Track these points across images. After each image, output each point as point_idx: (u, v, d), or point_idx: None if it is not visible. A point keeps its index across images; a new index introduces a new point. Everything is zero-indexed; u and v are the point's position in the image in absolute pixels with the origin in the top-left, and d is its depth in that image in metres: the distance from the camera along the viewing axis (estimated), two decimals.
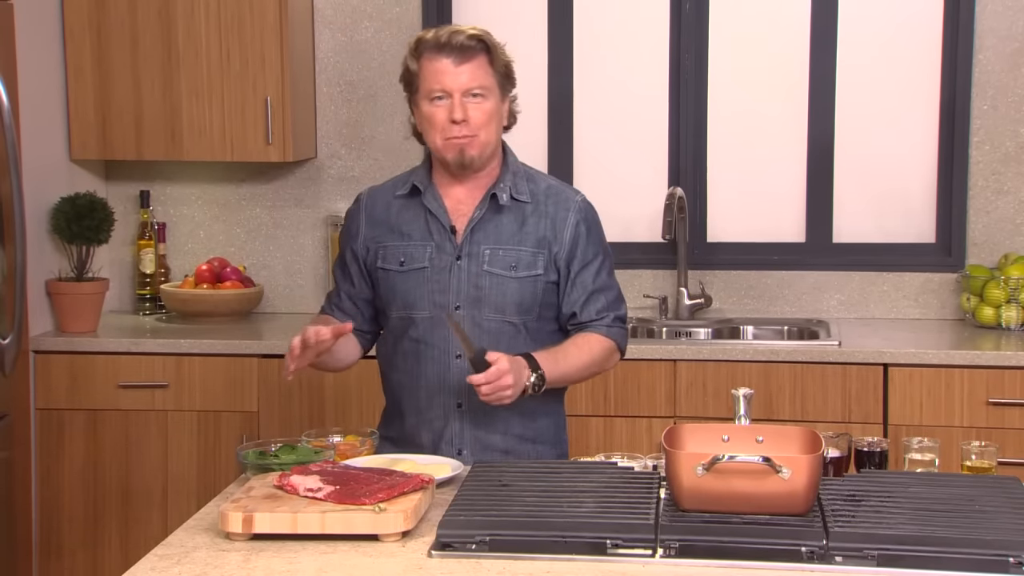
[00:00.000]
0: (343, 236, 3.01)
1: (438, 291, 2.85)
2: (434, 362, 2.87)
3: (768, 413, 3.91)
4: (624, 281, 4.51)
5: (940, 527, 2.17)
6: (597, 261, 2.91)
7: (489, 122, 2.81)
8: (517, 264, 2.85)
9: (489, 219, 2.87)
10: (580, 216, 2.91)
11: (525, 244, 2.86)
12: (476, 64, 2.79)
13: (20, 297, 3.64)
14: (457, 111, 2.77)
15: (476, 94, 2.78)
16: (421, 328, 2.86)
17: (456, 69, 2.77)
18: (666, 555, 2.17)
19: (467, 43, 2.78)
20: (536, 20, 4.61)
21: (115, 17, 4.33)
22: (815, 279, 4.50)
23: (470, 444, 2.87)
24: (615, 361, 2.96)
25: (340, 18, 4.58)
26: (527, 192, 2.89)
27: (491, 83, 2.81)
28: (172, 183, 4.69)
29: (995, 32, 4.35)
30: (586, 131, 4.62)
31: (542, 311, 2.89)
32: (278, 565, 2.17)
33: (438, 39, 2.79)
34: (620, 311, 2.94)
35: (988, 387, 3.87)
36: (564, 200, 2.91)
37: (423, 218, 2.89)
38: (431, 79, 2.79)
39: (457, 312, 2.84)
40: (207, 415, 4.14)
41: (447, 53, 2.78)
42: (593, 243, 2.92)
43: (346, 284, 2.98)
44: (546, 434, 2.94)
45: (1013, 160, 4.38)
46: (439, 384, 2.87)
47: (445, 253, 2.86)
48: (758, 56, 4.53)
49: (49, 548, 4.20)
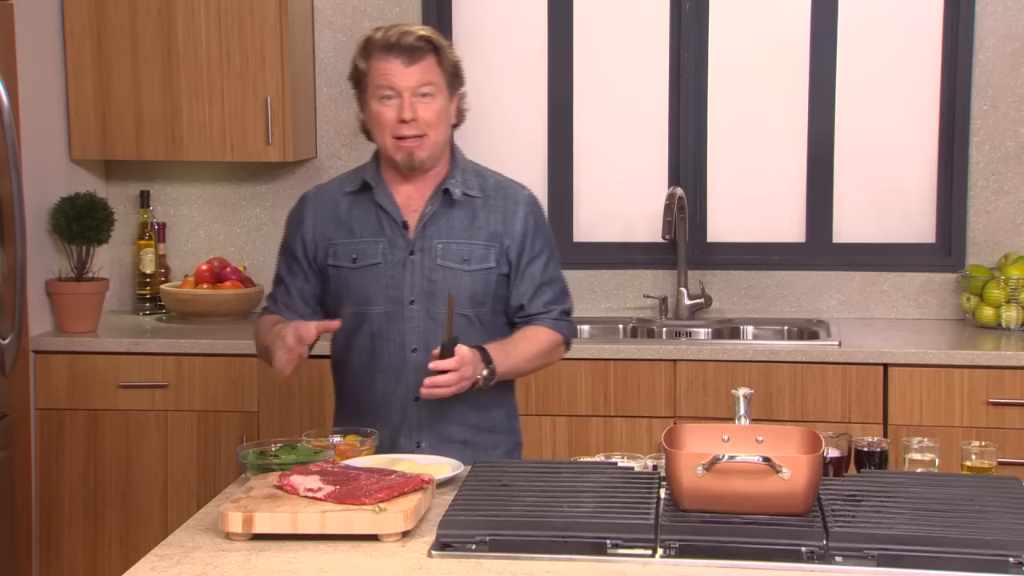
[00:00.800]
0: (288, 236, 3.02)
1: (392, 286, 2.88)
2: (390, 357, 2.90)
3: (768, 413, 3.92)
4: (624, 281, 4.57)
5: (940, 527, 2.17)
6: (545, 254, 2.97)
7: (438, 121, 2.84)
8: (470, 258, 2.90)
9: (441, 214, 2.91)
10: (529, 210, 2.97)
11: (477, 238, 2.91)
12: (425, 64, 2.82)
13: (20, 297, 3.64)
14: (407, 111, 2.80)
15: (425, 94, 2.82)
16: (376, 324, 2.90)
17: (405, 69, 2.81)
18: (666, 555, 2.17)
19: (416, 44, 2.81)
20: (536, 20, 4.61)
21: (115, 17, 4.33)
22: (815, 279, 4.50)
23: (428, 437, 2.91)
24: (561, 354, 3.04)
25: (340, 18, 4.58)
26: (477, 187, 2.94)
27: (440, 82, 2.84)
28: (172, 183, 4.69)
29: (995, 32, 4.35)
30: (586, 131, 4.62)
31: (495, 304, 2.94)
32: (278, 565, 2.17)
33: (387, 39, 2.82)
34: (566, 304, 3.01)
35: (988, 387, 3.87)
36: (513, 194, 2.97)
37: (374, 214, 2.92)
38: (380, 78, 2.82)
39: (412, 306, 2.87)
40: (207, 415, 4.14)
41: (396, 53, 2.81)
42: (541, 236, 2.98)
43: (296, 282, 2.98)
44: (501, 424, 3.00)
45: (1013, 160, 4.38)
46: (395, 379, 2.91)
47: (398, 248, 2.89)
48: (758, 56, 4.53)
49: (49, 548, 4.20)
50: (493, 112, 4.62)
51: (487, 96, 4.62)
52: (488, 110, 4.62)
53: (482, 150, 4.61)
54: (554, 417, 4.03)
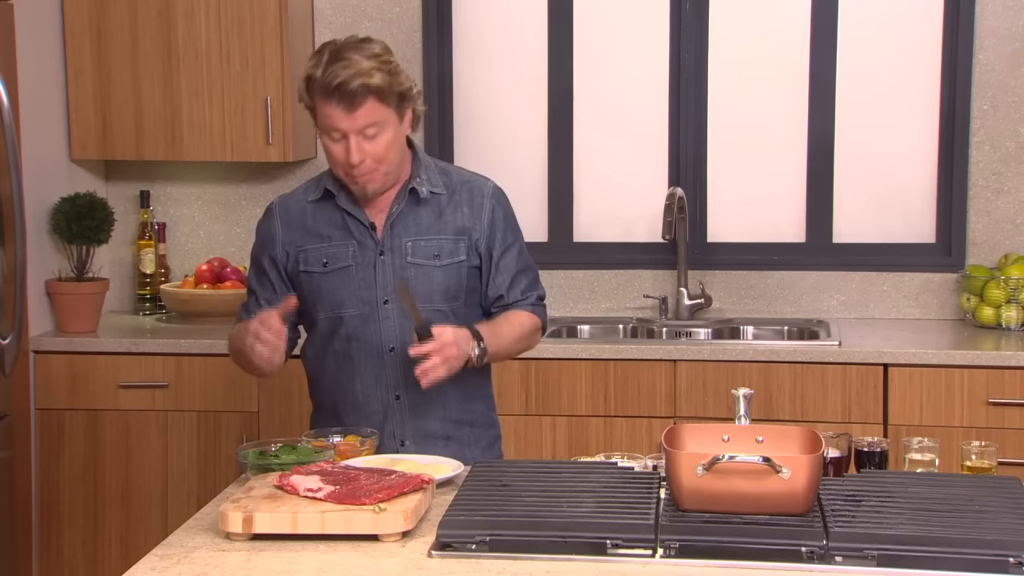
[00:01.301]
0: (258, 246, 3.00)
1: (364, 288, 2.89)
2: (368, 357, 2.91)
3: (768, 413, 3.92)
4: (624, 281, 4.56)
5: (940, 527, 2.17)
6: (517, 244, 2.99)
7: (387, 152, 2.82)
8: (440, 253, 2.91)
9: (407, 212, 2.91)
10: (495, 202, 2.97)
11: (445, 233, 2.92)
12: (367, 108, 2.76)
13: (20, 297, 3.64)
14: (354, 155, 2.78)
15: (371, 134, 2.79)
16: (351, 326, 2.90)
17: (347, 115, 2.76)
18: (666, 555, 2.17)
19: (354, 90, 2.74)
20: (536, 20, 4.60)
21: (115, 17, 4.33)
22: (815, 279, 4.50)
23: (411, 434, 2.92)
24: (539, 339, 3.07)
25: (340, 18, 4.58)
26: (441, 184, 2.94)
27: (385, 118, 2.80)
28: (172, 183, 4.69)
29: (995, 32, 4.35)
30: (586, 131, 4.62)
31: (468, 297, 2.95)
32: (278, 565, 2.17)
33: (326, 84, 2.75)
34: (540, 291, 3.04)
35: (988, 387, 3.87)
36: (478, 188, 2.97)
37: (341, 218, 2.92)
38: (325, 120, 2.79)
39: (386, 306, 2.88)
40: (207, 415, 4.14)
41: (337, 100, 2.75)
42: (511, 227, 3.00)
43: (266, 292, 2.97)
44: (481, 417, 3.02)
45: (1013, 160, 4.38)
46: (375, 379, 2.91)
47: (368, 250, 2.90)
48: (758, 56, 4.53)
49: (49, 548, 4.20)
50: (493, 112, 4.62)
51: (487, 96, 4.62)
52: (488, 110, 4.63)
53: (482, 150, 4.64)
54: (554, 417, 4.03)
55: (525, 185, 4.60)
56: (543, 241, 4.62)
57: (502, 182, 3.09)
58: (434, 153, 4.50)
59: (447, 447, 2.90)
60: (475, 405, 3.01)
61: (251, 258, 3.03)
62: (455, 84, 4.64)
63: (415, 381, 2.79)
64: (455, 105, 4.64)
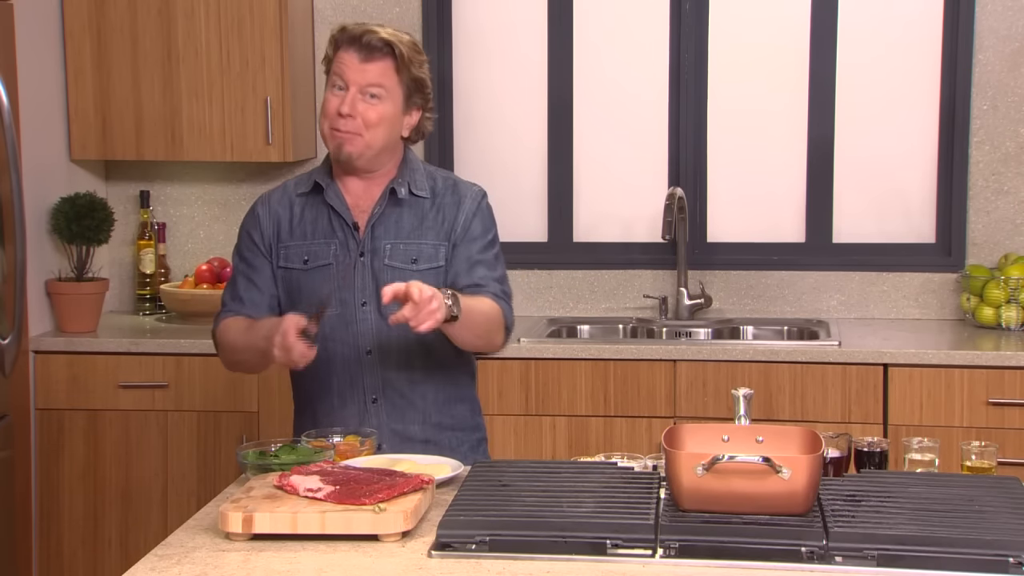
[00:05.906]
0: (244, 241, 2.97)
1: (344, 288, 2.86)
2: (345, 360, 2.88)
3: (768, 413, 3.92)
4: (624, 281, 4.57)
5: (940, 527, 2.17)
6: (484, 240, 2.90)
7: (379, 124, 2.81)
8: (418, 257, 2.87)
9: (389, 214, 2.89)
10: (475, 203, 2.92)
11: (426, 238, 2.88)
12: (380, 66, 2.80)
13: (20, 297, 3.64)
14: (346, 105, 2.79)
15: (374, 95, 2.80)
16: (328, 326, 2.85)
17: (360, 65, 2.79)
18: (666, 555, 2.17)
19: (376, 43, 2.79)
20: (536, 20, 4.61)
21: (115, 17, 4.33)
22: (815, 279, 4.50)
23: (388, 438, 2.88)
24: (501, 340, 2.88)
25: (340, 18, 4.57)
26: (426, 188, 2.91)
27: (392, 88, 2.81)
28: (172, 183, 4.69)
29: (995, 32, 4.35)
30: (586, 131, 4.62)
31: None
32: (278, 565, 2.17)
33: (353, 33, 2.82)
34: (507, 287, 2.91)
35: (988, 387, 3.87)
36: (462, 191, 2.94)
37: (326, 216, 2.91)
38: (337, 68, 2.82)
39: (363, 308, 2.85)
40: (207, 415, 4.14)
41: (356, 48, 2.80)
42: (484, 224, 2.92)
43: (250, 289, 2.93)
44: (464, 421, 2.97)
45: (1013, 160, 4.38)
46: (351, 382, 2.88)
47: (349, 250, 2.88)
48: (758, 56, 4.54)
49: (49, 548, 4.20)
50: (493, 112, 4.62)
51: (487, 96, 4.62)
52: (488, 110, 4.63)
53: (482, 150, 4.64)
54: (554, 417, 4.03)
55: (525, 185, 4.60)
56: (543, 241, 4.62)
57: (502, 182, 3.09)
58: (434, 154, 4.51)
59: (427, 451, 2.84)
60: (457, 408, 2.96)
61: (235, 251, 2.99)
62: (455, 84, 4.64)
63: (393, 385, 2.79)
64: (455, 105, 4.64)
